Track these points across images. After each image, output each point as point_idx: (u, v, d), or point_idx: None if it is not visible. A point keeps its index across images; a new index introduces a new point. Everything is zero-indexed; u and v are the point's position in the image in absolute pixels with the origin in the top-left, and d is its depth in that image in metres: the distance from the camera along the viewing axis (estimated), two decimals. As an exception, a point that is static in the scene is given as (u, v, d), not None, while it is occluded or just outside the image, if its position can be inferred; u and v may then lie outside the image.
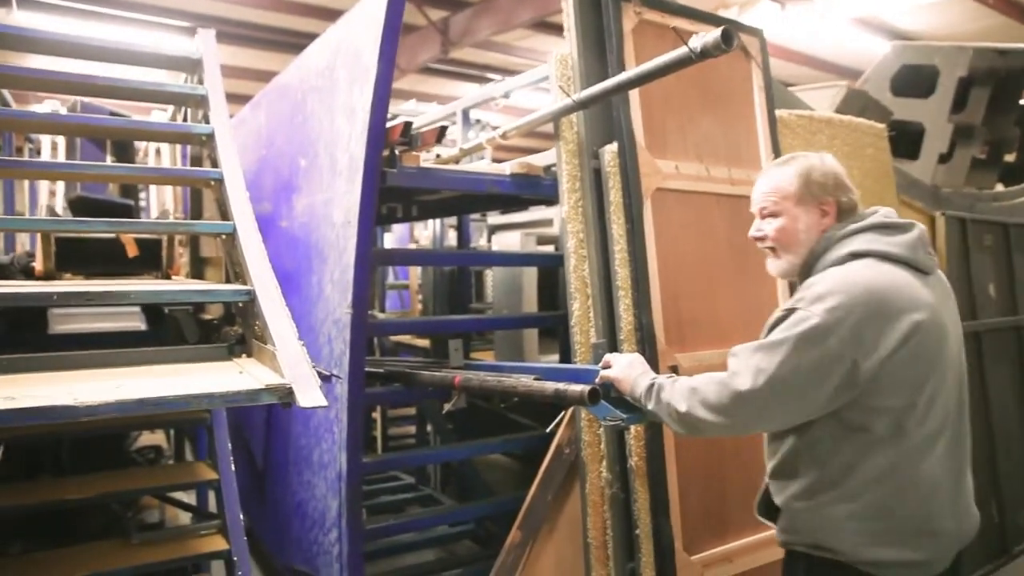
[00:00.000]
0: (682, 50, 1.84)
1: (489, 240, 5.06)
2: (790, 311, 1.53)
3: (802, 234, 1.67)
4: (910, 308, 1.50)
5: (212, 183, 2.64)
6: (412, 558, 3.92)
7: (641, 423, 2.04)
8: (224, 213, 2.55)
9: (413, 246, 6.16)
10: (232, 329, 2.46)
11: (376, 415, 5.18)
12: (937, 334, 1.54)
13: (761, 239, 1.73)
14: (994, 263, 4.59)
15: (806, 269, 1.67)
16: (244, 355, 2.07)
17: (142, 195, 4.98)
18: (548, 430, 2.00)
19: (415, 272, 5.49)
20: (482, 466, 4.39)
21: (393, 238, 7.19)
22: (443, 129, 2.45)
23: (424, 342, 4.47)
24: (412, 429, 5.29)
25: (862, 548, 1.51)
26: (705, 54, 1.79)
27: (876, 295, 1.48)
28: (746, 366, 1.53)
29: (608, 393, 1.89)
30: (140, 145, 4.95)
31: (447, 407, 2.32)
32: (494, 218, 5.32)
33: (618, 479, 2.37)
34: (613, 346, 2.40)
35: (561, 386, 1.85)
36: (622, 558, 2.36)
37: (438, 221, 4.50)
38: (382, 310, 5.41)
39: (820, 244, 1.65)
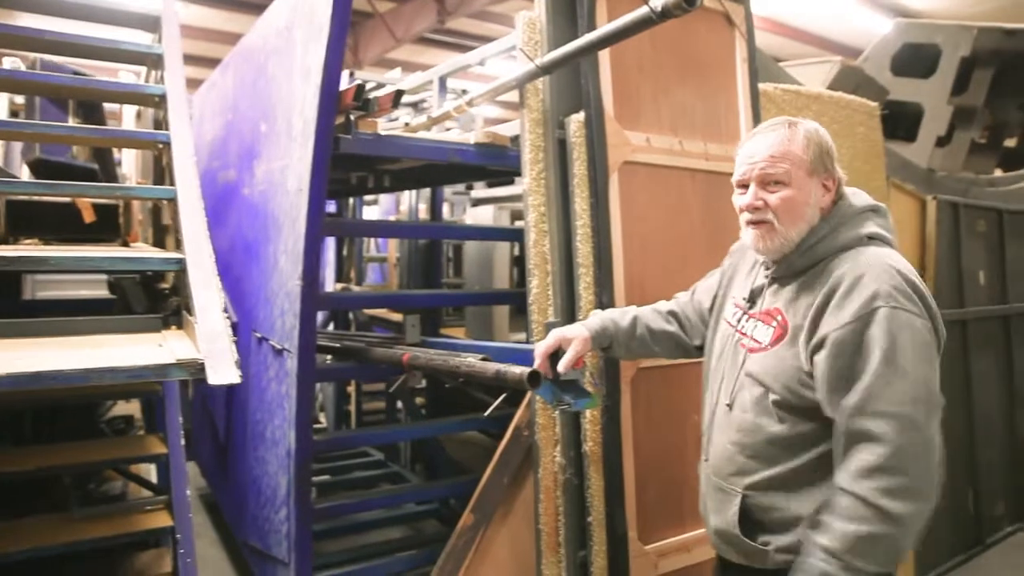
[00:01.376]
0: (643, 10, 1.70)
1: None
2: (872, 312, 1.33)
3: (809, 209, 1.48)
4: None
5: (160, 146, 2.52)
6: (377, 535, 3.86)
7: (591, 407, 1.94)
8: (172, 178, 2.44)
9: (393, 218, 6.03)
10: (175, 299, 2.35)
11: (351, 389, 5.11)
12: None
13: (758, 209, 1.49)
14: (986, 250, 4.47)
15: (800, 250, 1.49)
16: (175, 327, 1.96)
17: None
18: (486, 415, 1.90)
19: (393, 245, 5.38)
20: (456, 444, 4.31)
21: (379, 210, 7.06)
22: (399, 93, 2.31)
23: (399, 316, 4.37)
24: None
25: None
26: (666, 14, 1.65)
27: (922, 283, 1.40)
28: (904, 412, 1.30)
29: (557, 376, 1.77)
30: (114, 109, 4.80)
31: (395, 385, 2.22)
32: (479, 192, 5.19)
33: (572, 464, 2.27)
34: (571, 326, 2.29)
35: (502, 367, 1.74)
36: (574, 546, 2.28)
37: (414, 193, 4.37)
38: (359, 283, 5.30)
39: (829, 221, 1.48)
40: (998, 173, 5.84)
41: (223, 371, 1.46)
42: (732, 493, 1.53)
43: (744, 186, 1.53)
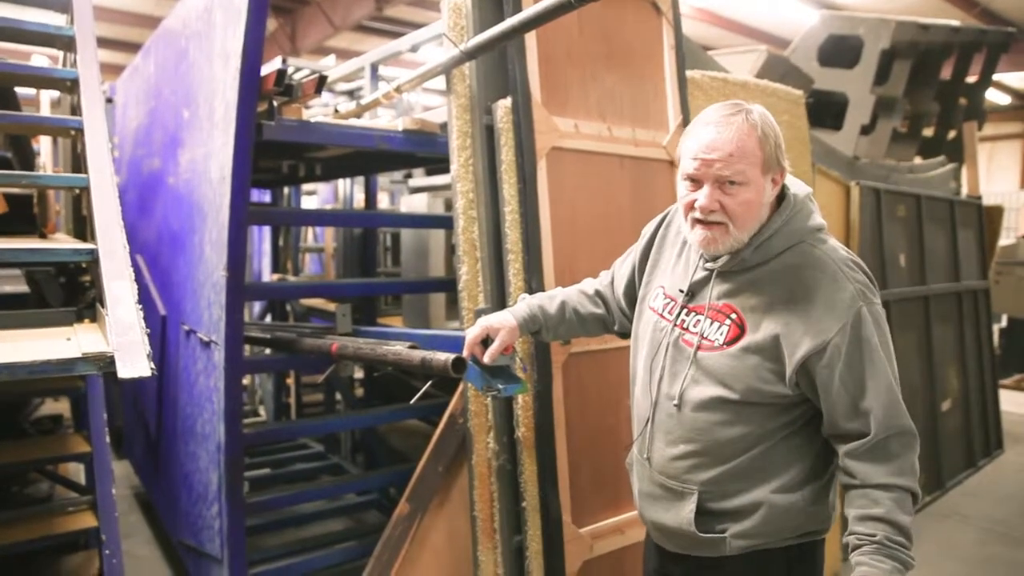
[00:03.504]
0: (561, -5, 1.71)
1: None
2: (857, 312, 1.38)
3: (763, 209, 1.42)
4: None
5: (73, 133, 2.41)
6: (318, 528, 3.82)
7: (522, 392, 1.95)
8: (86, 166, 2.34)
9: (329, 207, 5.94)
10: (91, 292, 2.27)
11: (291, 381, 5.02)
12: None
13: (713, 212, 1.40)
14: (906, 233, 4.67)
15: (752, 245, 1.44)
16: (89, 320, 1.89)
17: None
18: (411, 402, 1.90)
19: (330, 235, 5.29)
20: (400, 433, 4.28)
21: (318, 199, 6.93)
22: (322, 79, 2.27)
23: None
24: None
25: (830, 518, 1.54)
26: None
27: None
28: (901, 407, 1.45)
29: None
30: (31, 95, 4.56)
31: (324, 375, 2.19)
32: (417, 180, 5.15)
33: (505, 450, 2.29)
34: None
35: (428, 355, 1.74)
36: (509, 531, 2.29)
37: (349, 181, 4.31)
38: (296, 273, 5.20)
39: (781, 214, 1.44)
40: (917, 160, 6.10)
41: (134, 364, 1.41)
42: (686, 492, 1.50)
43: (694, 181, 1.43)
